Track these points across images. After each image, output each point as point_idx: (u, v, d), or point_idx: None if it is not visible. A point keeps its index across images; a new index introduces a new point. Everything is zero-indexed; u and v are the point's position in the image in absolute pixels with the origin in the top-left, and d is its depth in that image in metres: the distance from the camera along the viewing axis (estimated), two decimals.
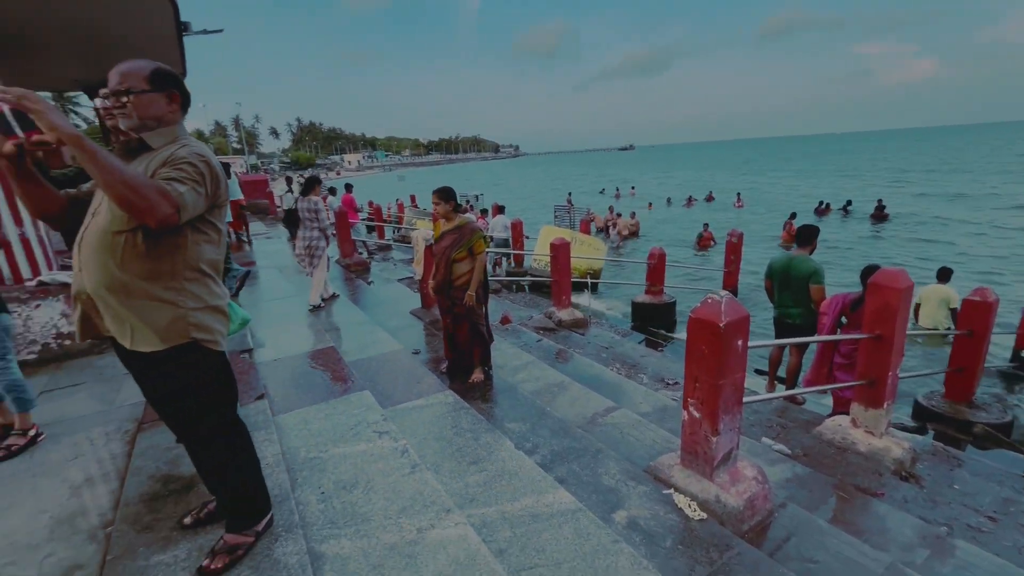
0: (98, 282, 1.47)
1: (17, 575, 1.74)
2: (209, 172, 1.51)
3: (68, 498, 2.15)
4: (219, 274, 1.71)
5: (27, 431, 2.56)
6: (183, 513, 1.94)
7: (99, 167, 1.27)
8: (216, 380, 1.66)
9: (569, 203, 20.30)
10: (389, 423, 2.75)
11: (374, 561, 1.78)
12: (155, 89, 1.53)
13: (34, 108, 1.24)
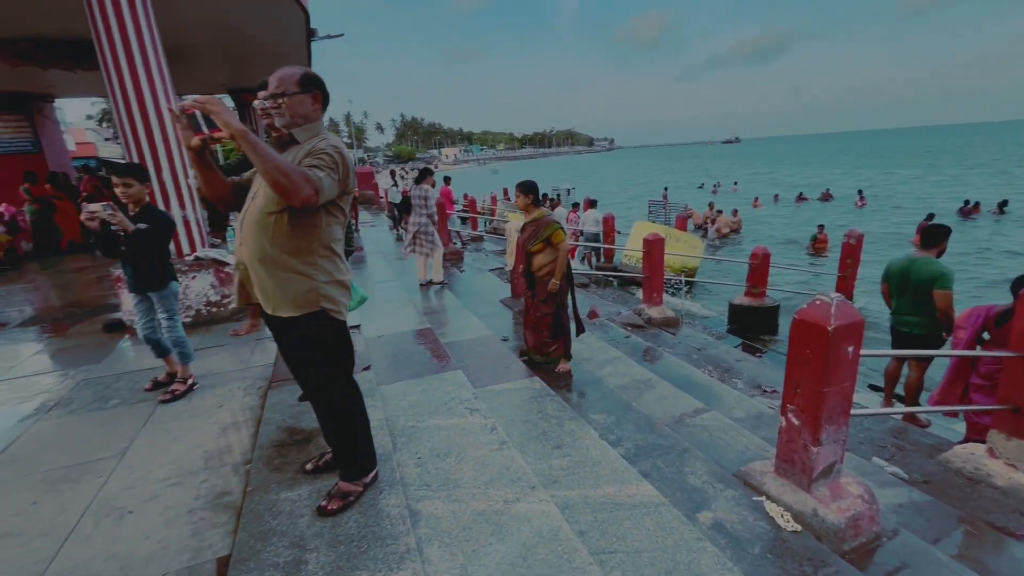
0: (253, 254, 1.75)
1: (183, 493, 2.12)
2: (342, 162, 1.73)
3: (217, 437, 2.56)
4: (343, 252, 1.94)
5: (187, 380, 3.07)
6: (305, 460, 2.24)
7: (259, 156, 1.51)
8: (338, 345, 1.90)
9: (665, 198, 19.54)
10: (479, 402, 2.92)
11: (464, 523, 1.92)
12: (303, 91, 1.76)
13: (214, 110, 1.52)
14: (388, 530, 1.82)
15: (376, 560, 1.68)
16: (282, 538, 1.79)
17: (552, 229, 3.76)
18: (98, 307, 5.28)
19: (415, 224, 6.11)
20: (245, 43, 7.83)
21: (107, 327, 4.44)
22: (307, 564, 1.67)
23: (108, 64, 4.04)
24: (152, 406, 2.91)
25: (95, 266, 7.73)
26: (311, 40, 7.59)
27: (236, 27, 6.79)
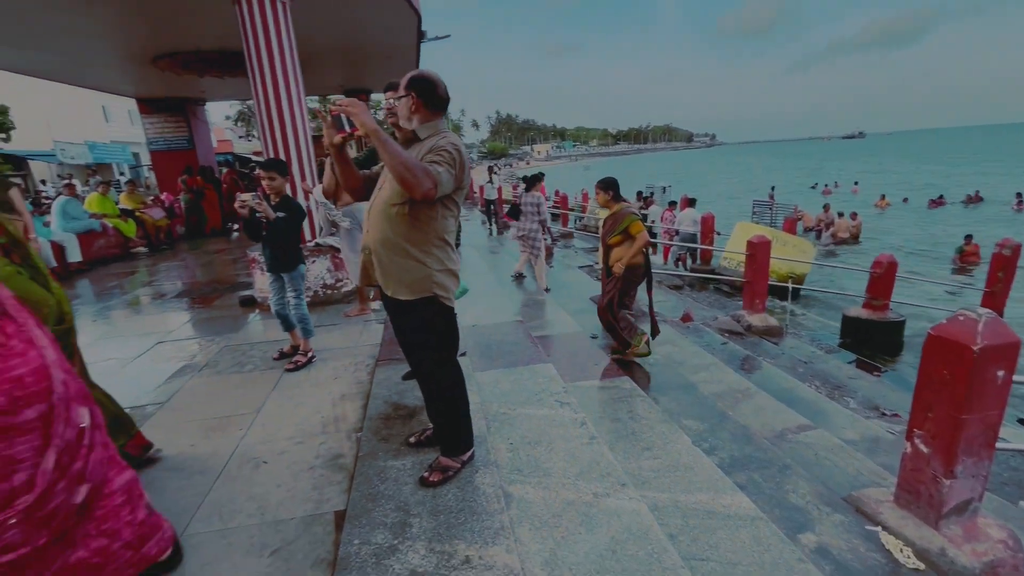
0: (377, 241, 1.93)
1: (306, 452, 2.40)
2: (459, 159, 1.85)
3: (332, 406, 2.85)
4: (455, 244, 2.07)
5: (307, 353, 3.45)
6: (408, 434, 2.43)
7: (388, 152, 1.67)
8: (445, 328, 2.04)
9: (771, 199, 18.14)
10: (569, 396, 2.96)
11: (554, 511, 1.98)
12: (406, 93, 1.90)
13: (355, 112, 1.71)
14: (484, 507, 1.93)
15: (473, 532, 1.80)
16: (389, 501, 1.97)
17: (630, 220, 3.78)
18: (234, 285, 6.05)
19: (522, 229, 6.25)
20: (362, 47, 8.48)
21: (242, 302, 5.09)
22: (411, 527, 1.83)
23: (255, 70, 4.60)
24: (279, 373, 3.31)
25: (231, 249, 8.84)
26: (420, 42, 8.02)
27: (355, 33, 7.38)
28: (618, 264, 3.81)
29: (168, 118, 12.10)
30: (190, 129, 12.26)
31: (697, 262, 10.29)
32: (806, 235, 14.86)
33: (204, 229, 10.55)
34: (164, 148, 12.27)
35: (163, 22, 6.33)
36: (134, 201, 9.53)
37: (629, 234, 3.79)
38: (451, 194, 1.91)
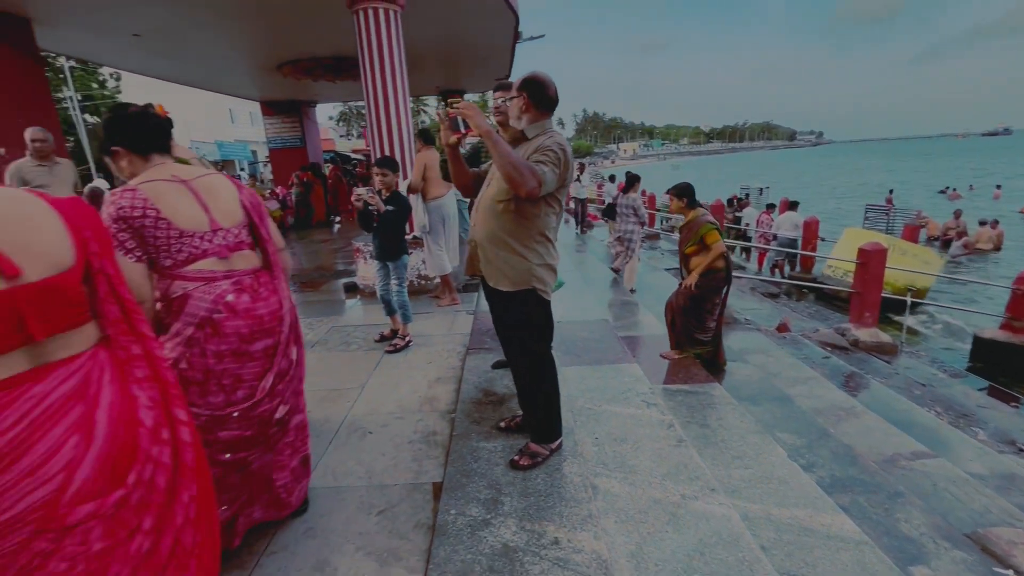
0: (483, 235, 2.06)
1: (405, 427, 2.61)
2: (564, 158, 1.92)
3: (428, 387, 3.06)
4: (556, 239, 2.15)
5: (405, 337, 3.71)
6: (498, 419, 2.56)
7: (498, 152, 1.78)
8: (542, 320, 2.13)
9: (889, 203, 16.36)
10: (656, 397, 2.93)
11: (640, 507, 2.00)
12: (518, 94, 1.99)
13: (470, 114, 1.84)
14: (572, 494, 2.00)
15: (561, 516, 1.87)
16: (482, 479, 2.10)
17: (706, 229, 3.65)
18: (336, 272, 6.61)
19: (619, 231, 6.23)
20: (459, 50, 8.84)
21: (346, 288, 5.55)
22: (503, 505, 1.94)
23: (367, 74, 4.99)
24: (380, 354, 3.59)
25: (334, 239, 9.62)
26: (516, 43, 8.20)
27: (455, 36, 7.72)
28: (691, 278, 3.69)
29: (285, 119, 13.39)
30: (302, 129, 13.48)
31: (796, 269, 9.58)
32: (930, 244, 13.26)
33: (311, 221, 11.56)
34: (280, 146, 13.61)
35: (289, 33, 7.04)
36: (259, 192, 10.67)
37: (705, 244, 3.66)
38: (554, 192, 1.99)
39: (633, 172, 6.60)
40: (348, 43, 7.52)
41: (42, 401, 0.89)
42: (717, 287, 3.75)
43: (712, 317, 3.81)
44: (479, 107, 1.90)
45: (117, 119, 1.49)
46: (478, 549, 1.73)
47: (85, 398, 0.95)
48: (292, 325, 1.72)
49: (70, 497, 0.90)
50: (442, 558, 1.69)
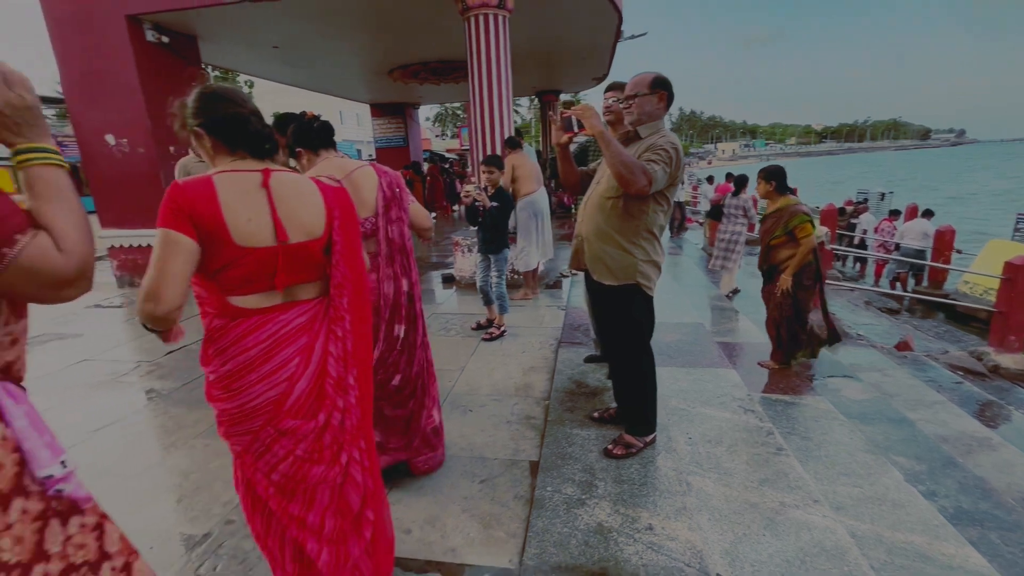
0: (589, 230, 2.15)
1: (502, 408, 2.78)
2: (676, 157, 1.95)
3: (522, 375, 3.21)
4: (662, 236, 2.19)
5: (501, 327, 3.91)
6: (591, 410, 2.64)
7: (610, 151, 1.86)
8: (644, 316, 2.18)
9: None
10: (754, 404, 2.85)
11: (735, 508, 1.98)
12: (652, 92, 2.05)
13: (584, 115, 1.94)
14: (665, 486, 2.03)
15: (655, 505, 1.92)
16: (576, 462, 2.20)
17: (799, 219, 3.29)
18: (433, 263, 7.02)
19: (726, 231, 5.99)
20: (559, 51, 8.95)
21: (444, 279, 5.90)
22: (597, 488, 2.03)
23: (474, 76, 5.27)
24: (477, 341, 3.82)
25: None
26: (617, 41, 8.15)
27: (556, 37, 7.83)
28: (783, 279, 3.38)
29: (390, 120, 14.35)
30: (406, 129, 14.37)
31: (924, 284, 8.58)
32: None
33: None
34: (385, 145, 14.60)
35: (402, 40, 7.58)
36: None
37: (795, 237, 3.30)
38: (663, 190, 2.03)
39: (740, 173, 6.30)
40: (454, 47, 7.94)
41: (285, 326, 1.22)
42: (810, 286, 3.47)
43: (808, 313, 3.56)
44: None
45: (300, 127, 1.79)
46: (574, 524, 1.83)
47: (309, 332, 1.26)
48: (393, 308, 1.98)
49: (287, 407, 1.20)
50: (540, 528, 1.82)
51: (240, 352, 1.17)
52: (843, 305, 7.14)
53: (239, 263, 1.15)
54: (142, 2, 5.61)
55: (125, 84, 5.81)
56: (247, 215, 1.15)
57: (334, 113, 33.80)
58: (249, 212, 1.15)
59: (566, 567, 1.65)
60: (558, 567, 1.65)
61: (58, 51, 5.90)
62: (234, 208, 1.13)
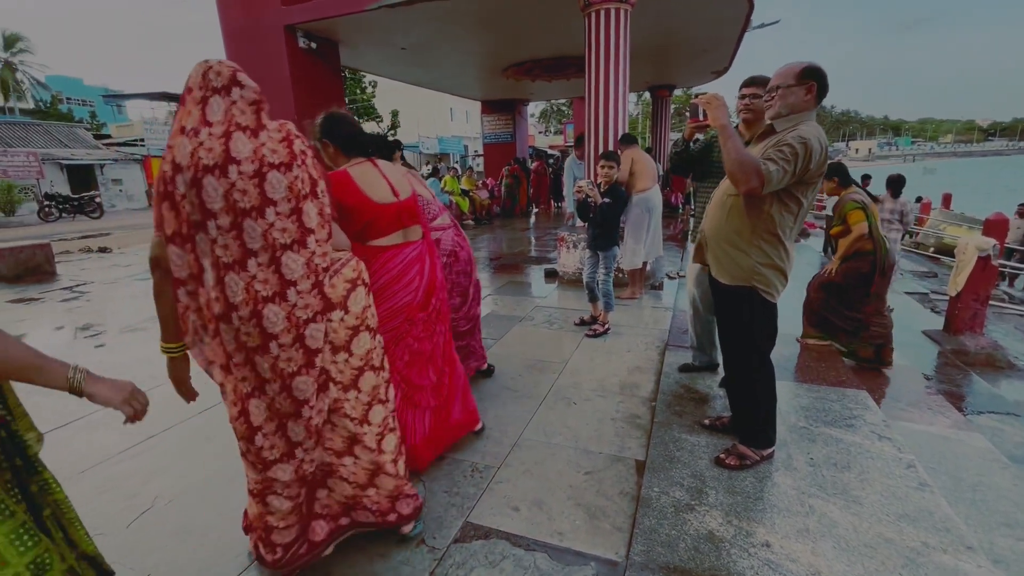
0: (710, 227, 2.08)
1: (607, 404, 2.79)
2: (804, 153, 1.80)
3: (628, 373, 3.18)
4: (792, 239, 2.05)
5: (605, 324, 3.89)
6: (702, 416, 2.55)
7: (727, 148, 1.79)
8: (760, 323, 2.06)
9: None
10: (892, 432, 2.56)
11: (866, 540, 1.81)
12: (799, 83, 1.90)
13: (710, 105, 1.87)
14: (785, 504, 1.92)
15: (773, 523, 1.82)
16: (685, 467, 2.15)
17: (849, 207, 3.42)
18: (534, 258, 7.13)
19: None
20: (678, 44, 8.58)
21: (547, 274, 5.99)
22: (707, 496, 1.97)
23: (591, 73, 5.25)
24: (580, 336, 3.84)
25: (533, 228, 10.34)
26: (744, 32, 7.63)
27: (676, 30, 7.52)
28: (828, 267, 3.63)
29: (500, 116, 14.74)
30: (514, 125, 14.68)
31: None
32: None
33: (515, 210, 12.60)
34: (494, 141, 15.04)
35: (519, 39, 7.76)
36: (470, 183, 12.07)
37: (847, 224, 3.43)
38: (792, 191, 1.89)
39: (896, 174, 5.62)
40: (570, 43, 7.97)
41: (409, 255, 2.06)
42: (864, 275, 3.46)
43: (857, 311, 3.54)
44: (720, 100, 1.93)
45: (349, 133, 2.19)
46: (682, 528, 1.80)
47: (422, 259, 2.12)
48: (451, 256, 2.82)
49: (416, 304, 2.08)
50: (647, 527, 1.81)
51: (386, 273, 2.00)
52: (1008, 332, 6.09)
53: (377, 217, 1.95)
54: (298, 13, 6.34)
55: (279, 85, 6.62)
56: (373, 185, 1.94)
57: (444, 110, 35.47)
58: (374, 183, 1.93)
59: (674, 568, 1.63)
60: (666, 567, 1.64)
61: (230, 58, 6.87)
62: (366, 182, 1.93)
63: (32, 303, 5.63)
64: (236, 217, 1.31)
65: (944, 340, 4.54)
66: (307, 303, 1.42)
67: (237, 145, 1.31)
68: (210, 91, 1.34)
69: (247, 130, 1.34)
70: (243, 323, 1.35)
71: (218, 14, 6.82)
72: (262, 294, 1.36)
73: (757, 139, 2.05)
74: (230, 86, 1.35)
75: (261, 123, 1.39)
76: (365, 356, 1.59)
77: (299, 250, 1.40)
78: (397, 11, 5.99)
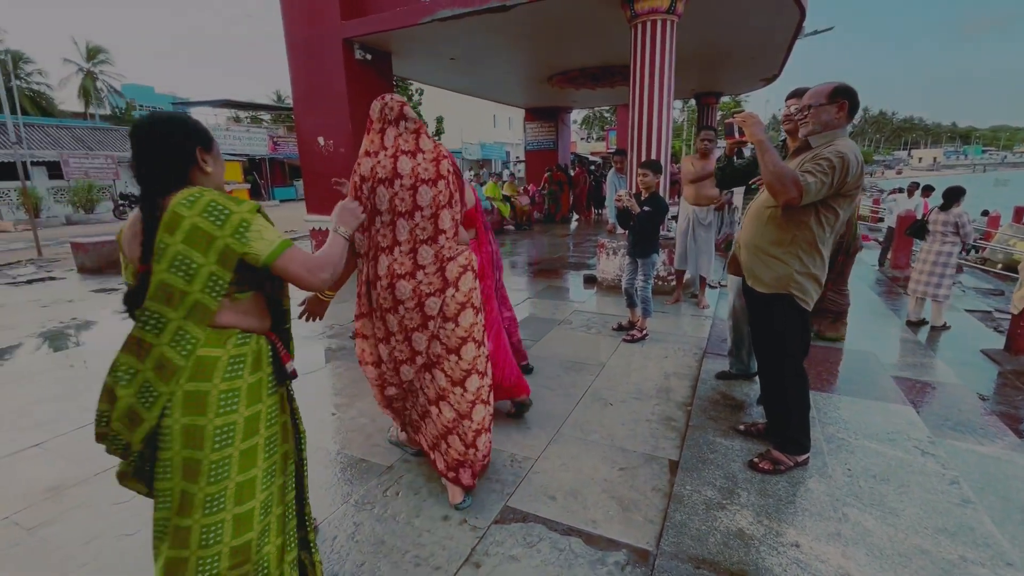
0: (746, 237, 2.15)
1: (642, 407, 2.86)
2: (841, 167, 1.85)
3: (664, 378, 3.24)
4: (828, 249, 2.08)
5: (643, 330, 3.95)
6: (737, 422, 2.59)
7: (764, 160, 1.86)
8: (795, 330, 2.11)
9: None
10: (937, 448, 2.52)
11: (901, 551, 1.83)
12: (830, 102, 1.96)
13: (746, 123, 1.95)
14: (818, 509, 1.95)
15: (804, 525, 1.86)
16: (718, 468, 2.21)
17: None
18: (573, 263, 7.22)
19: (933, 252, 5.18)
20: (725, 52, 8.49)
21: (586, 279, 6.07)
22: (738, 497, 2.02)
23: (636, 81, 5.32)
24: (618, 341, 3.91)
25: (572, 235, 10.42)
26: (796, 39, 7.49)
27: (724, 38, 7.47)
28: None
29: (543, 124, 14.90)
30: (557, 133, 14.80)
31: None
32: None
33: (556, 217, 12.71)
34: (536, 148, 15.21)
35: (566, 47, 7.89)
36: (512, 189, 12.26)
37: None
38: (829, 202, 1.94)
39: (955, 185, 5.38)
40: (614, 53, 8.04)
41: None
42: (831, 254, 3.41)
43: None
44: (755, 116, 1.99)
45: None
46: (713, 524, 1.87)
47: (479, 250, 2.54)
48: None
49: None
50: (678, 521, 1.89)
51: None
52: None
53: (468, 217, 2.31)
54: (356, 27, 6.71)
55: (336, 95, 7.01)
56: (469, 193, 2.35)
57: (487, 116, 36.04)
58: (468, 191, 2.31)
59: (703, 560, 1.71)
60: (695, 558, 1.71)
61: (292, 70, 7.33)
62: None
63: (112, 292, 6.19)
64: (394, 216, 1.86)
65: (1004, 360, 4.33)
66: (430, 282, 1.91)
67: (401, 164, 1.83)
68: (386, 123, 1.89)
69: (408, 153, 1.86)
70: (383, 290, 1.91)
71: (283, 28, 7.30)
72: (398, 272, 1.89)
73: (792, 154, 2.11)
74: (398, 119, 1.88)
75: (419, 146, 1.87)
76: (468, 329, 1.96)
77: (432, 244, 1.90)
78: (448, 23, 6.25)
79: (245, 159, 26.64)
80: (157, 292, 1.08)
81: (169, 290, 1.08)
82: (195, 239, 1.06)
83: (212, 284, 1.10)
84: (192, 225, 1.06)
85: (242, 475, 1.16)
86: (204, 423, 1.11)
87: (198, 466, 1.11)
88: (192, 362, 1.11)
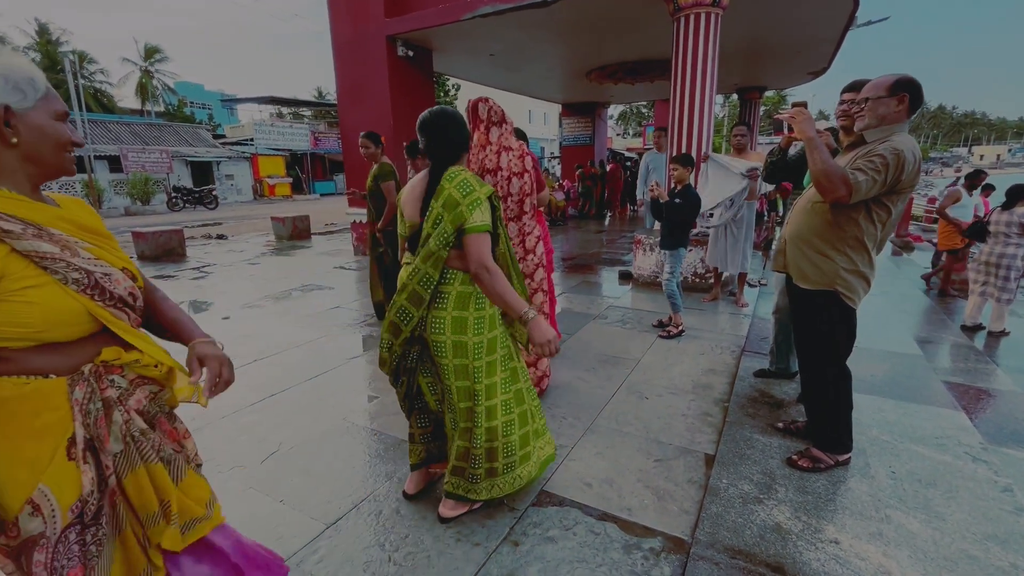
0: (792, 232, 2.13)
1: (678, 401, 2.87)
2: (895, 163, 1.81)
3: (701, 374, 3.23)
4: (878, 247, 2.04)
5: (679, 326, 3.93)
6: (775, 419, 2.57)
7: (813, 157, 1.85)
8: (839, 328, 2.08)
9: None
10: (990, 456, 2.43)
11: (946, 555, 1.79)
12: (891, 95, 1.91)
13: (795, 119, 1.93)
14: (859, 509, 1.93)
15: (844, 524, 1.85)
16: (755, 464, 2.20)
17: None
18: (607, 259, 7.19)
19: (993, 255, 4.93)
20: (770, 46, 8.23)
21: (621, 275, 6.05)
22: (776, 492, 2.02)
23: (677, 76, 5.25)
24: (654, 337, 3.91)
25: (607, 230, 10.35)
26: (848, 30, 7.20)
27: (770, 31, 7.25)
28: None
29: (579, 119, 14.81)
30: (593, 128, 14.69)
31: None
32: None
33: (589, 212, 12.66)
34: (572, 144, 15.14)
35: (605, 41, 7.84)
36: (548, 184, 12.29)
37: None
38: (881, 199, 1.90)
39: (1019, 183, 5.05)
40: (654, 47, 7.93)
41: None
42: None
43: None
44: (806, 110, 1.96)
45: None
46: (749, 518, 1.88)
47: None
48: None
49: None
50: (714, 513, 1.91)
51: None
52: None
53: None
54: (399, 24, 6.87)
55: (378, 91, 7.20)
56: None
57: (523, 111, 36.02)
58: None
59: (738, 551, 1.72)
60: (730, 549, 1.73)
61: (337, 67, 7.57)
62: None
63: (169, 279, 6.57)
64: None
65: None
66: (516, 250, 2.52)
67: (502, 158, 2.52)
68: (491, 123, 2.57)
69: (507, 149, 2.54)
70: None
71: (329, 26, 7.53)
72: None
73: (847, 149, 2.07)
74: (501, 121, 2.57)
75: (510, 145, 2.53)
76: (539, 283, 2.78)
77: (516, 222, 2.66)
78: (489, 20, 6.32)
79: (288, 154, 27.56)
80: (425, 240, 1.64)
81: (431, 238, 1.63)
82: (448, 204, 1.60)
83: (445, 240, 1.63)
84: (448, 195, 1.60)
85: (488, 379, 1.75)
86: (466, 340, 1.69)
87: (465, 369, 1.72)
88: (454, 295, 1.68)
